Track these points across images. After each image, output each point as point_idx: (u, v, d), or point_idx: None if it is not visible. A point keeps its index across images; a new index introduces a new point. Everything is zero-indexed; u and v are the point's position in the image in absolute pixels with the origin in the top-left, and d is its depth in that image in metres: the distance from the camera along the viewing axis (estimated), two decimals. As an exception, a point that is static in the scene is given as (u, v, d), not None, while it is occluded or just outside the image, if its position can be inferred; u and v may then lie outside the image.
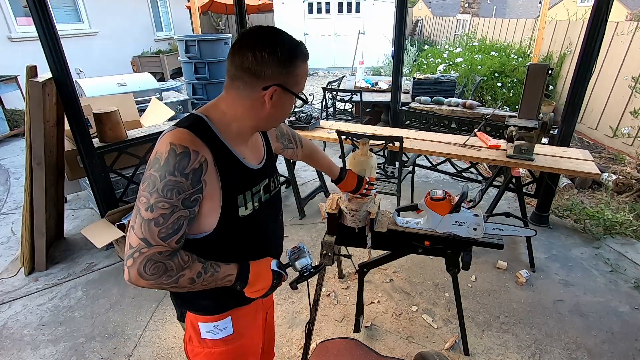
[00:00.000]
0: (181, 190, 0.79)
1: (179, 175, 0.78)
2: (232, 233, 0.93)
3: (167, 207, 0.78)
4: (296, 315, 2.21)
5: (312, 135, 3.04)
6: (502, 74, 6.05)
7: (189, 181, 0.80)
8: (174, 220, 0.79)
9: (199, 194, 0.82)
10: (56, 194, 2.82)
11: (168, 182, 0.78)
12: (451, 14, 15.20)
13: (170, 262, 0.81)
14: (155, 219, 0.78)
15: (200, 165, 0.81)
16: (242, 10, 3.50)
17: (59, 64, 2.31)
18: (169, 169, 0.78)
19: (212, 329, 1.01)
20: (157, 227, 0.78)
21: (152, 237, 0.78)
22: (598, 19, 2.37)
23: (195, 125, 0.85)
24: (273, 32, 0.85)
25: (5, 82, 5.50)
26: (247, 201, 0.92)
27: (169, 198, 0.78)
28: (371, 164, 1.56)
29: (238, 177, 0.91)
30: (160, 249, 0.79)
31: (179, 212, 0.80)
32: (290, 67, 0.85)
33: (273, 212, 1.06)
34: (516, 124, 2.34)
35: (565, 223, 3.10)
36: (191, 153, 0.80)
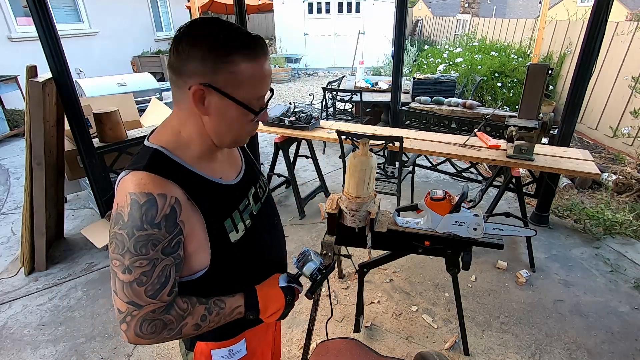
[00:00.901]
0: (157, 242, 0.69)
1: (149, 228, 0.68)
2: (229, 263, 0.83)
3: (145, 264, 0.68)
4: (296, 315, 2.21)
5: (312, 135, 3.04)
6: (502, 74, 6.05)
7: (163, 230, 0.69)
8: (158, 274, 0.70)
9: (179, 237, 0.72)
10: (56, 194, 2.82)
11: (138, 239, 0.68)
12: (451, 14, 15.21)
13: (167, 316, 0.73)
14: (136, 279, 0.69)
15: (172, 208, 0.70)
16: (242, 10, 3.49)
17: (59, 64, 2.31)
18: (136, 224, 0.67)
19: (227, 354, 0.93)
20: (141, 286, 0.69)
21: (139, 298, 0.69)
22: (598, 19, 2.37)
23: (153, 161, 0.72)
24: (210, 22, 0.70)
25: (5, 82, 5.50)
26: (236, 223, 0.82)
27: (144, 254, 0.68)
28: (371, 164, 1.56)
29: (218, 200, 0.80)
30: (152, 307, 0.71)
31: (161, 263, 0.70)
32: (220, 62, 0.68)
33: (269, 220, 0.96)
34: (516, 124, 2.34)
35: (565, 223, 3.10)
36: (157, 199, 0.68)
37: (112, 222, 0.70)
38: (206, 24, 0.70)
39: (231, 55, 0.68)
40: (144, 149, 0.76)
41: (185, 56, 0.68)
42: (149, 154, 0.74)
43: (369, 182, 1.58)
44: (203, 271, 0.80)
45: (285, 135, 3.15)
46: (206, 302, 0.79)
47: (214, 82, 0.69)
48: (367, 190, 1.59)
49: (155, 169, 0.71)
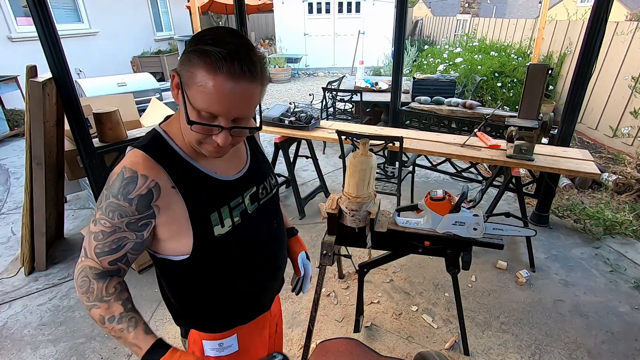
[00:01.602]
0: (124, 214, 0.74)
1: (122, 199, 0.73)
2: (210, 254, 0.84)
3: (108, 225, 0.75)
4: (296, 315, 2.21)
5: (312, 135, 3.04)
6: (502, 74, 6.05)
7: (134, 206, 0.74)
8: (113, 239, 0.75)
9: (148, 220, 0.76)
10: (56, 194, 2.82)
11: (111, 204, 0.74)
12: (451, 14, 15.20)
13: (94, 284, 0.77)
14: (95, 233, 0.76)
15: (149, 190, 0.74)
16: (242, 10, 3.49)
17: (59, 64, 2.31)
18: (113, 192, 0.74)
19: (217, 347, 0.95)
20: (95, 241, 0.76)
21: (89, 249, 0.77)
22: (598, 19, 2.37)
23: (152, 144, 0.78)
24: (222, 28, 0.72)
25: (5, 82, 5.50)
26: (223, 218, 0.83)
27: (110, 218, 0.74)
28: (371, 164, 1.56)
29: (207, 193, 0.81)
30: (91, 264, 0.77)
31: (121, 233, 0.75)
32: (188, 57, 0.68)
33: (265, 222, 0.95)
34: (516, 124, 2.34)
35: (565, 223, 3.10)
36: (139, 178, 0.74)
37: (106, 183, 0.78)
38: (218, 28, 0.71)
39: (196, 57, 0.67)
40: (152, 131, 0.83)
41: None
42: (151, 135, 0.81)
43: (369, 182, 1.58)
44: (184, 257, 0.82)
45: (285, 135, 3.15)
46: (127, 312, 0.77)
47: (180, 72, 0.71)
48: (367, 190, 1.59)
49: (149, 151, 0.77)
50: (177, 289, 0.91)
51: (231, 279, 0.89)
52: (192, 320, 0.95)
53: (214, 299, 0.91)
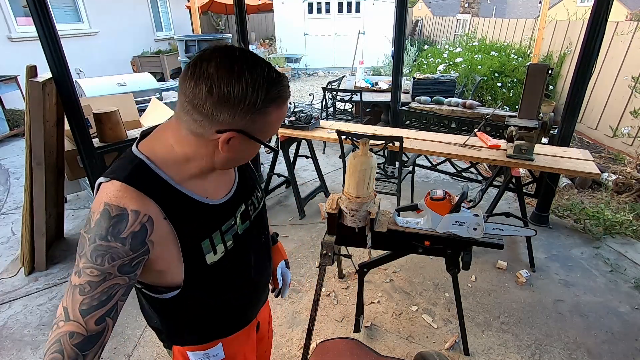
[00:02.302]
0: (116, 257, 0.64)
1: (112, 240, 0.64)
2: (203, 285, 0.80)
3: (96, 274, 0.64)
4: (296, 315, 2.21)
5: (312, 135, 3.04)
6: (502, 74, 6.05)
7: (127, 246, 0.65)
8: (103, 289, 0.64)
9: (142, 257, 0.68)
10: (56, 194, 2.82)
11: (98, 247, 0.64)
12: (451, 14, 15.21)
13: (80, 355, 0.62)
14: (80, 285, 0.64)
15: (143, 226, 0.66)
16: (242, 10, 3.49)
17: (59, 64, 2.31)
18: (100, 233, 0.64)
19: (202, 356, 0.92)
20: (82, 295, 0.63)
21: (72, 308, 0.63)
22: (598, 19, 2.37)
23: (136, 173, 0.69)
24: (244, 59, 0.64)
25: (5, 82, 5.50)
26: (215, 244, 0.78)
27: (99, 264, 0.64)
28: (371, 164, 1.56)
29: (199, 221, 0.76)
30: (72, 328, 0.62)
31: (112, 280, 0.65)
32: (258, 113, 0.66)
33: (255, 240, 0.92)
34: (516, 124, 2.34)
35: (565, 223, 3.10)
36: (129, 214, 0.65)
37: (85, 222, 0.68)
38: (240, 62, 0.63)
39: (268, 108, 0.66)
40: (130, 156, 0.72)
41: (222, 103, 0.63)
42: (133, 164, 0.70)
43: (369, 182, 1.58)
44: (175, 292, 0.77)
45: (285, 135, 3.15)
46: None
47: (248, 129, 0.67)
48: (367, 190, 1.59)
49: (135, 182, 0.67)
50: (165, 315, 0.85)
51: (224, 296, 0.87)
52: (177, 339, 0.91)
53: (205, 316, 0.88)
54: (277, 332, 2.10)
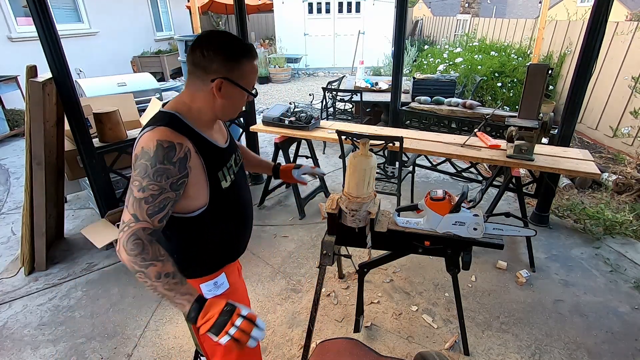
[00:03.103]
0: (169, 176, 0.92)
1: (167, 164, 0.91)
2: (221, 204, 1.08)
3: (156, 189, 0.91)
4: (296, 315, 2.21)
5: (312, 135, 3.04)
6: (502, 74, 6.05)
7: (176, 168, 0.93)
8: (161, 199, 0.92)
9: (184, 179, 0.96)
10: (56, 194, 2.82)
11: (158, 170, 0.91)
12: (451, 14, 15.21)
13: (148, 245, 0.89)
14: (145, 198, 0.90)
15: (185, 154, 0.95)
16: (242, 10, 3.49)
17: (59, 64, 2.31)
18: (159, 159, 0.91)
19: (213, 286, 1.16)
20: (147, 204, 0.90)
21: (140, 213, 0.90)
22: (598, 19, 2.37)
23: (172, 122, 0.98)
24: (222, 34, 1.00)
25: (5, 82, 5.50)
26: (225, 175, 1.08)
27: (158, 182, 0.91)
28: (371, 164, 1.56)
29: (215, 157, 1.06)
30: (144, 225, 0.90)
31: (166, 194, 0.92)
32: (234, 62, 0.99)
33: (244, 181, 1.23)
34: (516, 124, 2.34)
35: (565, 223, 3.10)
36: (176, 146, 0.94)
37: (137, 158, 0.93)
38: (220, 36, 1.00)
39: (241, 59, 1.00)
40: (162, 113, 1.01)
41: (209, 59, 0.97)
42: (167, 116, 0.99)
43: (369, 182, 1.58)
44: (202, 209, 1.05)
45: (285, 135, 3.15)
46: (176, 271, 0.93)
47: (230, 76, 0.99)
48: (367, 190, 1.59)
49: (173, 126, 0.96)
50: (184, 243, 1.10)
51: (231, 223, 1.15)
52: (191, 270, 1.12)
53: (215, 242, 1.13)
54: (277, 332, 2.10)
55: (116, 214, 2.63)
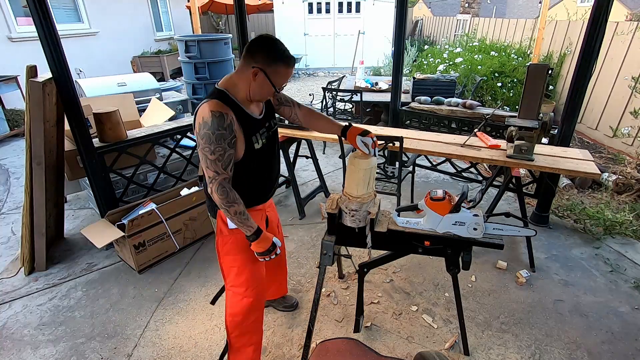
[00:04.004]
0: (226, 138, 1.28)
1: (221, 129, 1.26)
2: (252, 160, 1.43)
3: (220, 149, 1.28)
4: (296, 315, 2.21)
5: (312, 135, 3.04)
6: (502, 74, 6.05)
7: (228, 131, 1.28)
8: (227, 156, 1.30)
9: (234, 138, 1.32)
10: (56, 194, 2.82)
11: (218, 135, 1.26)
12: (451, 14, 15.21)
13: (229, 192, 1.33)
14: (217, 157, 1.28)
15: (231, 121, 1.29)
16: (242, 10, 3.49)
17: (59, 64, 2.31)
18: (216, 127, 1.25)
19: None
20: (220, 162, 1.29)
21: (219, 168, 1.30)
22: (598, 19, 2.37)
23: (221, 96, 1.33)
24: (277, 42, 1.34)
25: (5, 82, 5.50)
26: (258, 139, 1.42)
27: (221, 144, 1.27)
28: (371, 164, 1.56)
29: (251, 124, 1.39)
30: (224, 176, 1.32)
31: (228, 150, 1.30)
32: (273, 63, 1.31)
33: (274, 144, 1.55)
34: (516, 124, 2.34)
35: (565, 223, 3.10)
36: (225, 115, 1.27)
37: (199, 127, 1.27)
38: (275, 42, 1.33)
39: (279, 62, 1.32)
40: (215, 89, 1.37)
41: (258, 52, 1.31)
42: (218, 91, 1.35)
43: (369, 182, 1.58)
44: (239, 160, 1.40)
45: (285, 135, 3.15)
46: (244, 208, 1.38)
47: (265, 69, 1.31)
48: (367, 190, 1.59)
49: (222, 100, 1.32)
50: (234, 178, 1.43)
51: (259, 175, 1.50)
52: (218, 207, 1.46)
53: (242, 187, 1.42)
54: (277, 332, 2.10)
55: (116, 214, 2.63)
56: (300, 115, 1.70)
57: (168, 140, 3.29)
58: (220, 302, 2.31)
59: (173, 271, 2.62)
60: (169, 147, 3.16)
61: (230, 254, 1.56)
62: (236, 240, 1.52)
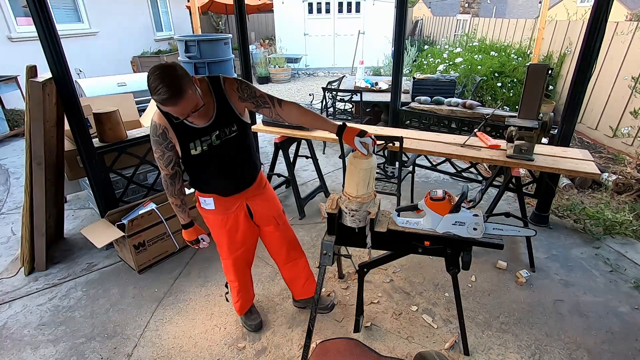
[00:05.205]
0: (160, 143, 1.51)
1: (155, 137, 1.51)
2: (190, 163, 1.62)
3: (159, 151, 1.53)
4: (296, 315, 2.21)
5: (312, 135, 3.04)
6: (502, 74, 6.05)
7: (161, 138, 1.51)
8: (166, 157, 1.54)
9: (170, 143, 1.52)
10: (56, 194, 2.82)
11: (154, 140, 1.52)
12: (451, 14, 15.22)
13: (170, 187, 1.63)
14: (158, 157, 1.55)
15: (163, 130, 1.50)
16: (242, 10, 3.50)
17: (59, 64, 2.31)
18: (152, 134, 1.52)
19: (203, 201, 1.74)
20: (161, 161, 1.55)
21: (161, 166, 1.57)
22: (598, 19, 2.37)
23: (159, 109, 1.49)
24: (151, 75, 1.33)
25: (5, 82, 5.50)
26: (196, 145, 1.55)
27: (158, 147, 1.53)
28: (371, 164, 1.56)
29: (188, 133, 1.53)
30: (166, 172, 1.59)
31: (167, 153, 1.54)
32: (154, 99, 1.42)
33: (227, 151, 1.62)
34: (516, 124, 2.34)
35: (565, 223, 3.10)
36: (157, 125, 1.49)
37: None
38: (149, 77, 1.34)
39: (156, 100, 1.36)
40: None
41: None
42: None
43: (369, 182, 1.58)
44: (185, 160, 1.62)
45: (285, 135, 3.15)
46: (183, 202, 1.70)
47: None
48: (367, 190, 1.59)
49: (162, 112, 1.46)
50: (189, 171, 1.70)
51: (208, 173, 1.67)
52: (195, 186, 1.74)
53: (200, 178, 1.69)
54: (277, 332, 2.10)
55: (116, 214, 2.63)
56: (285, 114, 1.65)
57: (168, 140, 3.28)
58: (221, 302, 2.32)
59: (173, 271, 2.62)
60: (169, 147, 3.15)
61: (209, 228, 1.86)
62: (206, 218, 1.83)
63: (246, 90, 1.62)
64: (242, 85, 1.60)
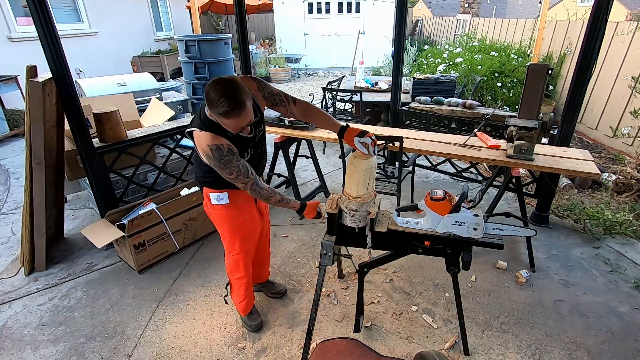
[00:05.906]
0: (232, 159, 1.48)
1: (224, 157, 1.47)
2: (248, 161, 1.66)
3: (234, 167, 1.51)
4: (296, 315, 2.21)
5: (312, 135, 3.04)
6: (502, 74, 6.05)
7: (230, 155, 1.48)
8: (243, 167, 1.52)
9: (237, 153, 1.51)
10: (56, 194, 2.82)
11: (225, 161, 1.48)
12: (451, 14, 15.22)
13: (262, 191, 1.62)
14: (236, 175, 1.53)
15: (228, 147, 1.48)
16: (242, 10, 3.50)
17: (59, 64, 2.31)
18: (219, 158, 1.47)
19: (216, 197, 1.72)
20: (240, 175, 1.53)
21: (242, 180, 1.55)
22: (598, 19, 2.37)
23: (213, 127, 1.50)
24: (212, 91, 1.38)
25: (5, 82, 5.50)
26: (248, 152, 1.65)
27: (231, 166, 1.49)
28: (371, 164, 1.56)
29: (242, 143, 1.58)
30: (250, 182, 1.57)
31: (242, 163, 1.53)
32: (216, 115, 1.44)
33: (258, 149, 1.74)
34: (516, 124, 2.34)
35: (565, 223, 3.10)
36: (221, 147, 1.46)
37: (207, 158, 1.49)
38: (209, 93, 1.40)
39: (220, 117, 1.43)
40: (207, 119, 1.51)
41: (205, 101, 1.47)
42: (210, 121, 1.50)
43: (369, 182, 1.58)
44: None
45: (285, 135, 3.15)
46: (282, 196, 1.67)
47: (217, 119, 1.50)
48: (367, 190, 1.59)
49: (214, 131, 1.49)
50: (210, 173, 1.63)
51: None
52: (207, 184, 1.72)
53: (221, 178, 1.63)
54: (277, 332, 2.10)
55: (116, 214, 2.63)
56: (297, 112, 1.76)
57: (168, 140, 3.29)
58: (221, 302, 2.31)
59: (173, 271, 2.62)
60: (169, 147, 3.16)
61: (218, 224, 1.83)
62: (216, 215, 1.79)
63: (266, 89, 1.70)
64: (261, 85, 1.68)
